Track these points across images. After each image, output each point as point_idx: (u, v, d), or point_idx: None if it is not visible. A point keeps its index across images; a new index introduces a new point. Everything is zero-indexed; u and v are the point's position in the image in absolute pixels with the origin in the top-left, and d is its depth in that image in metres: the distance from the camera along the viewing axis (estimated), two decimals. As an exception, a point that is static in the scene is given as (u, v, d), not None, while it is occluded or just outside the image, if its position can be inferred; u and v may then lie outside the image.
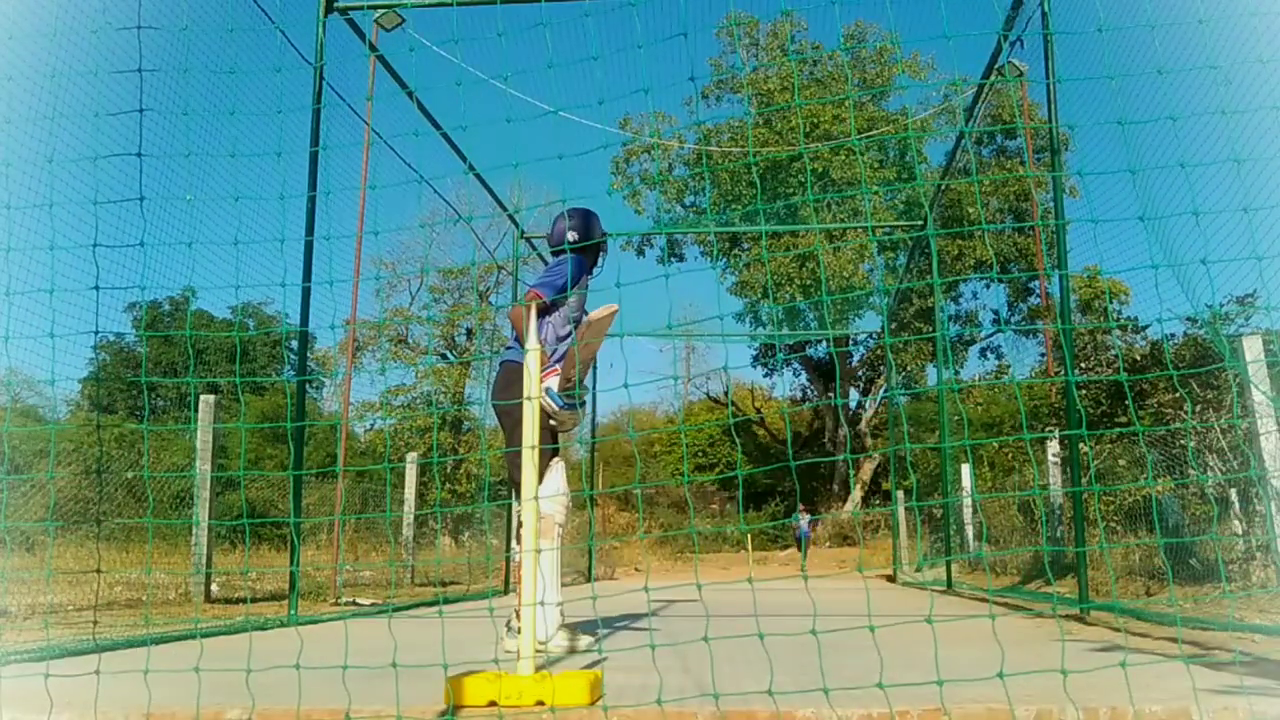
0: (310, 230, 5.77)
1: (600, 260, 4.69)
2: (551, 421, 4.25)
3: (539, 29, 3.30)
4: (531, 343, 2.83)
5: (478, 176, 9.01)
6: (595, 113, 8.14)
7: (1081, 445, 6.13)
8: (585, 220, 4.58)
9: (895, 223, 21.21)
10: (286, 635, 4.74)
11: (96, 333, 2.91)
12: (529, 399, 2.75)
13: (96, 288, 2.73)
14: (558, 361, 4.31)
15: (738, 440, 32.29)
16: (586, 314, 4.38)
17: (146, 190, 2.93)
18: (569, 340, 4.37)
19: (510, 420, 4.18)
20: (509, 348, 4.40)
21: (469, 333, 28.64)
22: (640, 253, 28.02)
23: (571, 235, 4.50)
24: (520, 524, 3.90)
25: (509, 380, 4.22)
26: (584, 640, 4.04)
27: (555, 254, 4.56)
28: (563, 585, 4.23)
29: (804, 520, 23.75)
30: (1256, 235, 2.54)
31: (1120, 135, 2.66)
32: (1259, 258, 2.55)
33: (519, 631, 3.83)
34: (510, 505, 10.23)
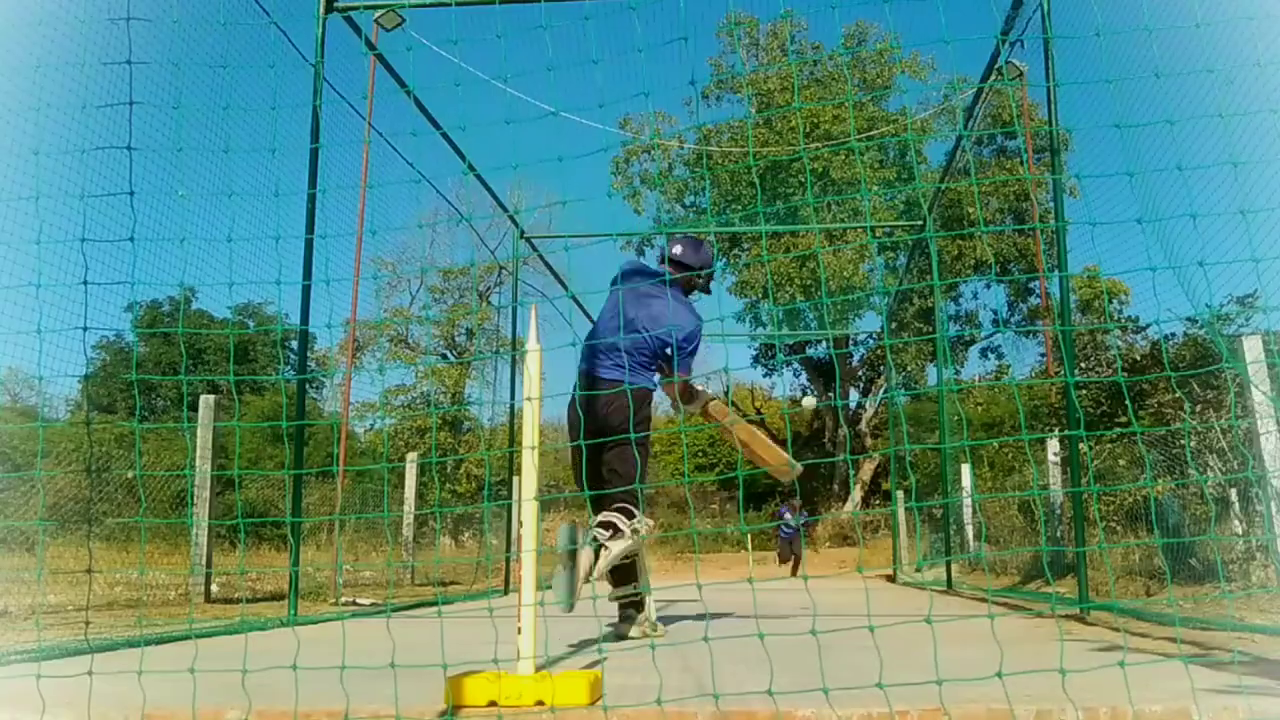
0: (310, 229, 5.77)
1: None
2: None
3: (539, 30, 3.31)
4: (531, 345, 2.82)
5: (478, 177, 9.00)
6: (595, 113, 8.14)
7: (1081, 445, 6.12)
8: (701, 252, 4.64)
9: (895, 223, 21.22)
10: (286, 635, 4.73)
11: (86, 329, 2.87)
12: (529, 399, 2.75)
13: (85, 283, 2.71)
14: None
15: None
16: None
17: (137, 185, 2.90)
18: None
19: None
20: (635, 370, 4.34)
21: (469, 333, 28.64)
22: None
23: (693, 258, 4.55)
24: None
25: (641, 402, 4.24)
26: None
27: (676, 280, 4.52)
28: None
29: (790, 514, 18.55)
30: (1255, 238, 2.54)
31: (1119, 137, 2.66)
32: (1256, 259, 2.55)
33: (630, 618, 4.41)
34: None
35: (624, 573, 4.46)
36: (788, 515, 18.73)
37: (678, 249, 4.59)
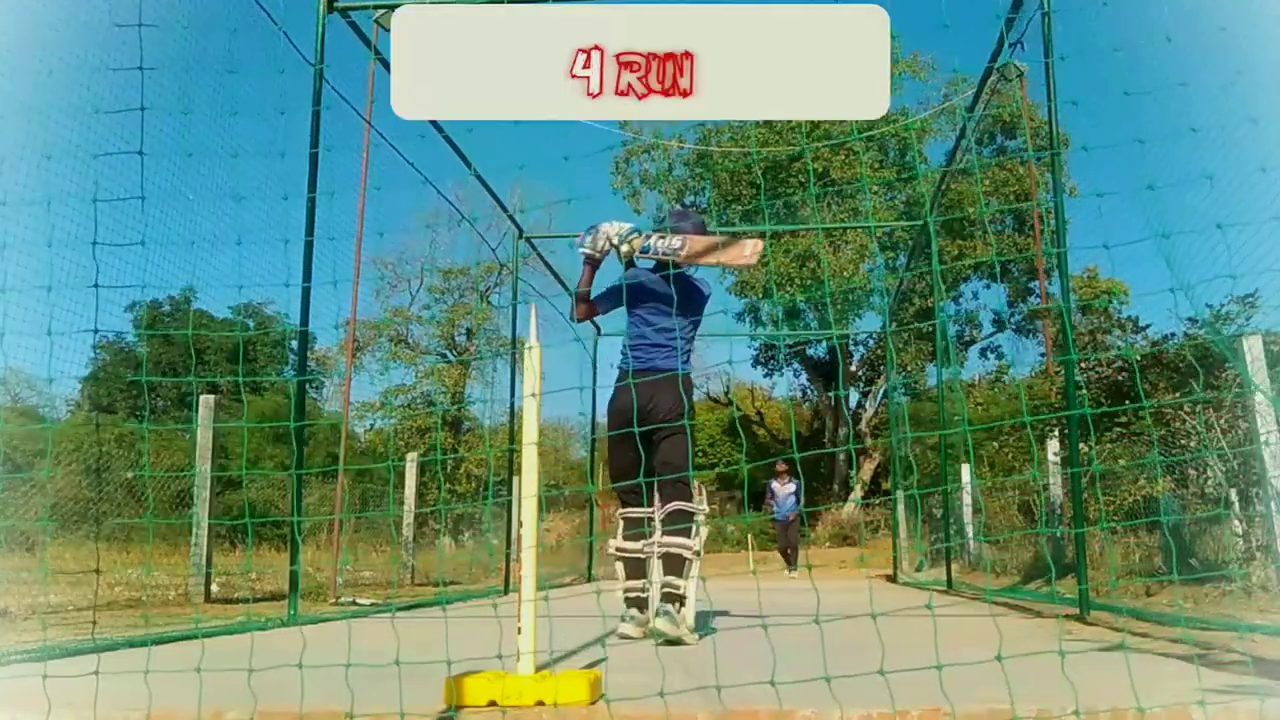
0: (310, 231, 5.76)
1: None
2: None
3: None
4: (534, 340, 2.81)
5: (479, 178, 9.01)
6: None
7: (1082, 446, 6.12)
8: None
9: (895, 223, 21.22)
10: (287, 635, 4.73)
11: (96, 331, 2.89)
12: (531, 395, 2.73)
13: (96, 285, 2.72)
14: None
15: (735, 439, 32.26)
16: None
17: (146, 188, 2.91)
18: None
19: (685, 428, 4.47)
20: (673, 354, 4.55)
21: (469, 332, 28.63)
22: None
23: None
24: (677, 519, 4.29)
25: (689, 391, 4.52)
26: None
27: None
28: (564, 585, 4.31)
29: (782, 488, 15.58)
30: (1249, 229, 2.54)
31: (1119, 116, 2.65)
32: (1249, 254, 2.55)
33: (634, 619, 4.33)
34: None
35: (636, 568, 4.43)
36: (776, 486, 15.64)
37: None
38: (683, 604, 4.26)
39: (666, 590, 4.26)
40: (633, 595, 4.45)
